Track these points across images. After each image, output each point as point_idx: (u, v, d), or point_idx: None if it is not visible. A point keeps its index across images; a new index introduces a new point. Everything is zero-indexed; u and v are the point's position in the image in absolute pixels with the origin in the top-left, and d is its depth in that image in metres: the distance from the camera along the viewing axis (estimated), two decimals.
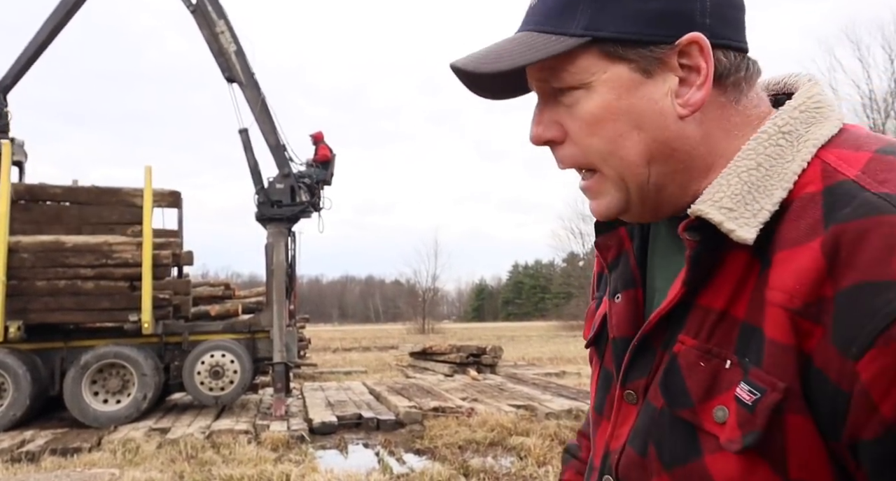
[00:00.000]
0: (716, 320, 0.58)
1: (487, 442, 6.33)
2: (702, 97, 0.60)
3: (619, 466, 0.65)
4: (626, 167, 0.62)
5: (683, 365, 0.59)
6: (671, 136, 0.61)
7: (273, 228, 8.83)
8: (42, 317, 7.60)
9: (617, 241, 0.73)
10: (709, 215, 0.57)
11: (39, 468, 5.62)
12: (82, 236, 8.08)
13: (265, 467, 5.26)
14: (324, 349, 23.66)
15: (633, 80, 0.60)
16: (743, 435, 0.53)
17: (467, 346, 13.69)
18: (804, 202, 0.55)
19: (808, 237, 0.53)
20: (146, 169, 8.43)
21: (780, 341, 0.52)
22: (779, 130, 0.59)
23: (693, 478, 0.57)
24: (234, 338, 8.38)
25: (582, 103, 0.62)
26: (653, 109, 0.60)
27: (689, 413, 0.58)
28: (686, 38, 0.59)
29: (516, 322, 74.13)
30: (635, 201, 0.64)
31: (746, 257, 0.57)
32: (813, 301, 0.51)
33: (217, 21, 8.82)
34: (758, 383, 0.53)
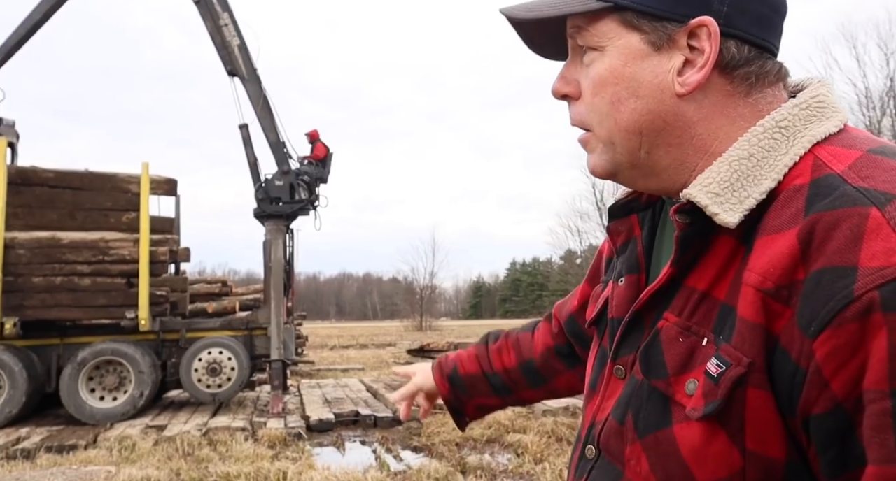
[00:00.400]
0: (698, 300, 0.61)
1: (484, 440, 6.34)
2: (698, 79, 0.62)
3: (601, 435, 0.69)
4: (617, 131, 0.65)
5: (664, 340, 0.62)
6: (665, 111, 0.63)
7: (271, 225, 8.81)
8: (38, 314, 7.58)
9: (627, 228, 0.76)
10: (696, 198, 0.60)
11: (35, 465, 5.60)
12: (79, 232, 8.05)
13: (262, 464, 5.26)
14: (321, 346, 23.66)
15: (641, 51, 0.63)
16: (705, 404, 0.56)
17: (465, 344, 13.69)
18: (791, 193, 0.58)
19: (788, 225, 0.56)
20: (143, 165, 8.41)
21: (750, 319, 0.55)
22: (776, 124, 0.61)
23: (661, 445, 0.60)
24: (231, 335, 8.36)
25: (594, 64, 0.66)
26: (653, 81, 0.63)
27: (664, 384, 0.61)
28: (696, 20, 0.61)
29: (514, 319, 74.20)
30: (624, 165, 0.67)
31: (733, 243, 0.60)
32: (785, 284, 0.53)
33: (221, 13, 8.74)
34: (725, 357, 0.56)
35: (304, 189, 8.91)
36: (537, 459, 5.53)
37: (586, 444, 0.72)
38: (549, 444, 6.03)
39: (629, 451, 0.64)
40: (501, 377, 1.11)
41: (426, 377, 1.20)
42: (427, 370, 1.21)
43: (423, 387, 1.20)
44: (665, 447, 0.60)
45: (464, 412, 1.18)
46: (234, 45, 8.77)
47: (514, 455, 5.80)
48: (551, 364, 1.07)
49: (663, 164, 0.65)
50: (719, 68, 0.62)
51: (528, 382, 1.10)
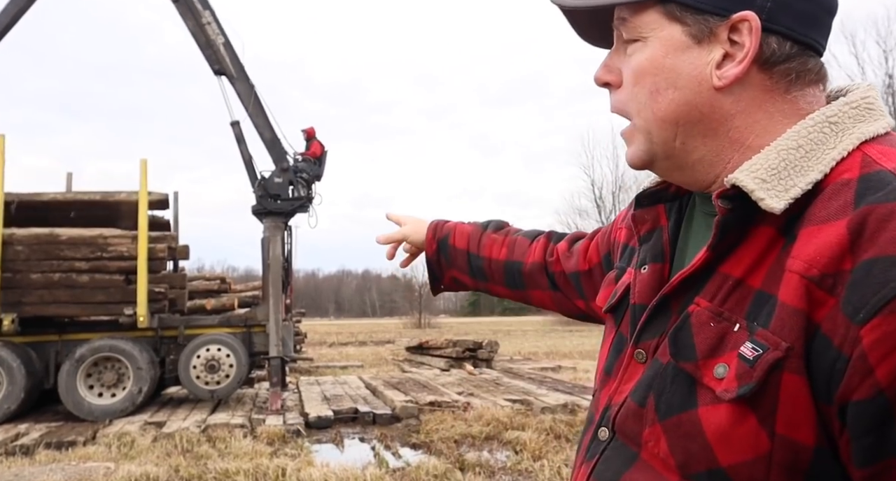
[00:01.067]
0: (732, 286, 0.62)
1: (483, 437, 6.35)
2: (736, 73, 0.63)
3: (617, 417, 0.69)
4: (654, 120, 0.67)
5: (694, 324, 0.63)
6: (703, 102, 0.65)
7: (270, 222, 8.80)
8: (37, 310, 7.57)
9: (653, 217, 0.77)
10: (742, 183, 0.61)
11: (34, 461, 5.60)
12: (77, 229, 8.04)
13: (261, 461, 5.26)
14: (320, 343, 23.67)
15: (682, 43, 0.65)
16: (739, 386, 0.57)
17: (463, 341, 13.70)
18: (838, 186, 0.59)
19: (836, 216, 0.56)
20: (142, 162, 8.39)
21: (791, 305, 0.56)
22: (826, 119, 0.62)
23: (684, 427, 0.60)
24: (229, 331, 8.36)
25: (636, 54, 0.68)
26: (692, 74, 0.65)
27: (692, 366, 0.61)
28: (738, 15, 0.62)
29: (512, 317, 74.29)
30: (660, 155, 0.69)
31: (772, 233, 0.61)
32: (831, 273, 0.54)
33: (203, 12, 8.64)
34: (762, 341, 0.56)
35: (302, 186, 8.89)
36: (536, 456, 5.54)
37: (599, 426, 0.72)
38: (548, 442, 6.03)
39: (648, 433, 0.64)
40: (483, 264, 1.16)
41: (417, 230, 1.24)
42: (420, 224, 1.25)
43: (409, 237, 1.25)
44: (688, 428, 0.60)
45: (441, 278, 1.24)
46: (219, 43, 8.66)
47: (512, 452, 5.81)
48: (536, 277, 1.11)
49: (697, 156, 0.67)
50: (759, 63, 0.63)
51: (506, 281, 1.15)
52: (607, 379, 0.75)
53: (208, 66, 8.83)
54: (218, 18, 8.71)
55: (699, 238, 0.72)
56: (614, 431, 0.69)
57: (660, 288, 0.72)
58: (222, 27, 8.71)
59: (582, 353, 17.82)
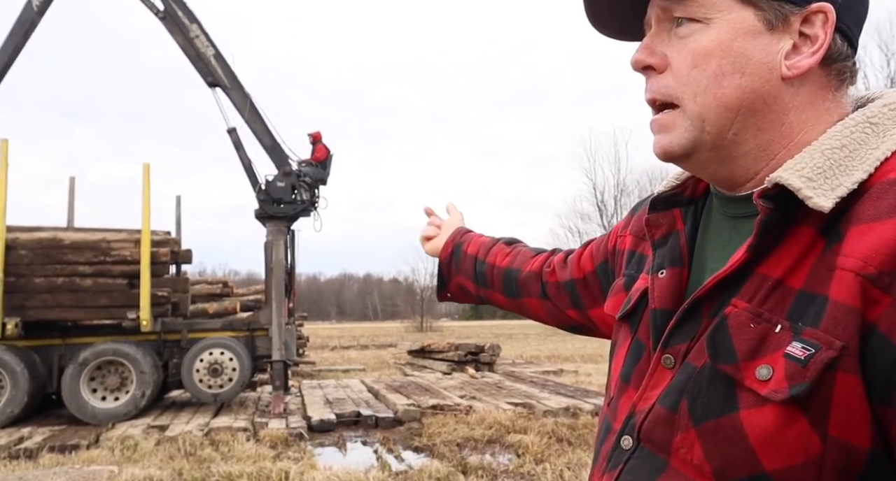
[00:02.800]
0: (771, 287, 0.60)
1: (485, 440, 6.35)
2: (809, 64, 0.62)
3: (643, 425, 0.66)
4: (715, 106, 0.64)
5: (732, 325, 0.61)
6: (768, 92, 0.63)
7: (273, 226, 8.82)
8: (40, 314, 7.59)
9: (669, 221, 0.76)
10: (788, 181, 0.59)
11: (38, 465, 5.61)
12: (80, 233, 8.07)
13: (264, 464, 5.27)
14: (322, 347, 23.67)
15: (754, 28, 0.63)
16: (790, 387, 0.55)
17: (465, 344, 13.69)
18: (885, 186, 0.58)
19: (888, 214, 0.55)
20: (144, 166, 8.43)
21: (845, 303, 0.54)
22: (867, 120, 0.62)
23: (724, 431, 0.58)
24: (232, 335, 8.38)
25: (697, 35, 0.64)
26: (762, 60, 0.63)
27: (732, 368, 0.59)
28: (817, 6, 0.61)
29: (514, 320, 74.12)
30: (707, 145, 0.66)
31: (812, 233, 0.59)
32: (888, 271, 0.53)
33: (190, 26, 8.61)
34: (813, 340, 0.55)
35: (305, 190, 8.91)
36: (538, 460, 5.54)
37: (622, 434, 0.70)
38: (550, 445, 6.04)
39: (680, 439, 0.62)
40: (486, 270, 1.18)
41: (450, 227, 1.30)
42: (451, 226, 1.31)
43: (442, 229, 1.32)
44: (728, 433, 0.58)
45: (448, 284, 1.26)
46: (210, 55, 8.65)
47: (514, 455, 5.81)
48: (530, 285, 1.12)
49: (745, 149, 0.65)
50: (822, 59, 0.62)
51: (504, 289, 1.16)
52: (626, 386, 0.72)
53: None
54: (206, 31, 8.68)
55: (719, 241, 0.71)
56: (639, 439, 0.67)
57: (680, 292, 0.70)
58: (211, 39, 8.69)
59: (584, 357, 17.80)
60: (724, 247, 0.70)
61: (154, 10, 8.67)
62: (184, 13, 8.63)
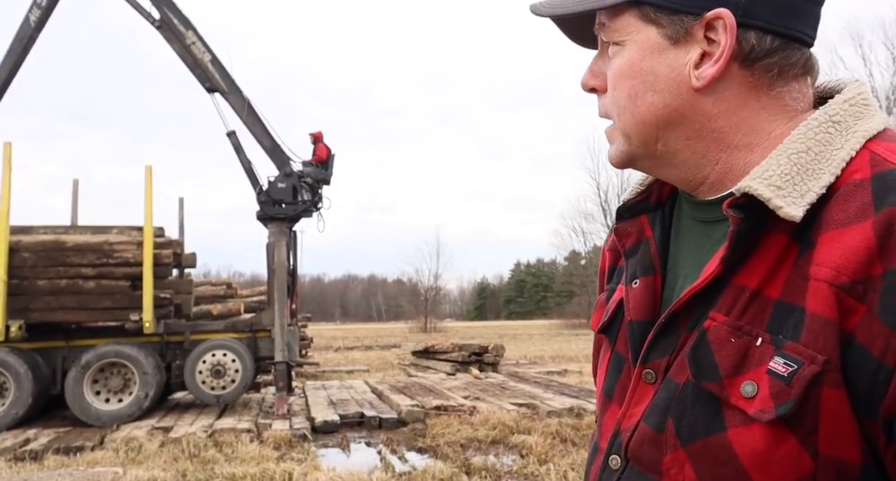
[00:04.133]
0: (749, 299, 0.58)
1: (489, 441, 6.33)
2: (713, 73, 0.61)
3: (629, 444, 0.64)
4: (633, 124, 0.66)
5: (713, 340, 0.59)
6: (683, 105, 0.63)
7: (274, 227, 8.83)
8: (43, 317, 7.61)
9: (637, 229, 0.74)
10: (758, 191, 0.58)
11: (42, 467, 5.62)
12: (83, 235, 8.09)
13: (267, 466, 5.27)
14: (326, 348, 23.68)
15: (658, 45, 0.63)
16: (776, 406, 0.53)
17: (469, 345, 13.69)
18: (852, 187, 0.57)
19: (857, 219, 0.54)
20: (146, 168, 8.45)
21: (823, 315, 0.53)
22: (829, 119, 0.60)
23: (712, 451, 0.57)
24: (235, 337, 8.38)
25: (615, 58, 0.66)
26: (669, 76, 0.63)
27: (717, 386, 0.58)
28: (712, 13, 0.60)
29: (518, 320, 74.13)
30: (641, 155, 0.67)
31: (784, 240, 0.58)
32: (860, 279, 0.52)
33: (185, 33, 8.62)
34: (794, 356, 0.53)
35: (307, 190, 8.92)
36: (542, 460, 5.53)
37: (609, 454, 0.67)
38: (554, 445, 6.02)
39: (669, 460, 0.60)
40: None
41: None
42: None
43: None
44: (717, 453, 0.56)
45: None
46: (207, 60, 8.66)
47: (518, 456, 5.80)
48: None
49: (682, 157, 0.65)
50: (739, 60, 0.61)
51: None
52: (609, 402, 0.71)
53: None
54: (202, 37, 8.69)
55: (692, 247, 0.69)
56: (627, 459, 0.65)
57: (654, 301, 0.69)
58: (207, 45, 8.70)
59: (588, 357, 17.76)
60: (696, 253, 0.68)
61: (150, 20, 8.67)
62: (179, 21, 8.64)
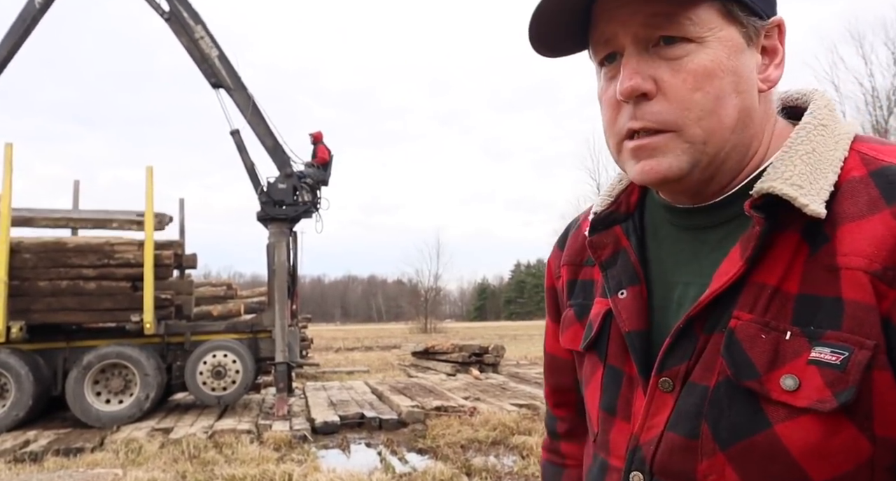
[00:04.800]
0: (770, 295, 0.59)
1: (490, 442, 6.33)
2: (778, 76, 0.64)
3: (655, 456, 0.62)
4: (718, 129, 0.61)
5: (743, 338, 0.59)
6: (752, 107, 0.63)
7: (275, 228, 8.83)
8: (44, 318, 7.61)
9: (612, 240, 0.73)
10: (783, 191, 0.59)
11: (42, 468, 5.62)
12: (84, 236, 8.09)
13: (267, 467, 5.26)
14: (326, 348, 23.68)
15: (740, 45, 0.62)
16: (835, 394, 0.53)
17: (469, 345, 13.68)
18: (853, 184, 0.60)
19: (870, 211, 0.57)
20: (147, 169, 8.45)
21: (863, 302, 0.55)
22: (819, 123, 0.63)
23: (759, 450, 0.56)
24: (236, 338, 8.38)
25: (693, 56, 0.61)
26: (749, 76, 0.63)
27: (756, 383, 0.57)
28: (776, 19, 0.64)
29: (518, 321, 74.12)
30: (702, 164, 0.62)
31: (796, 237, 0.60)
32: (891, 265, 0.54)
33: (195, 27, 8.67)
34: (842, 343, 0.54)
35: (307, 191, 8.92)
36: None
37: (630, 472, 0.65)
38: None
39: (706, 466, 0.58)
40: None
41: None
42: None
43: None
44: (765, 451, 0.56)
45: None
46: (214, 56, 8.70)
47: (519, 457, 5.79)
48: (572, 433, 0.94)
49: (730, 164, 0.64)
50: None
51: None
52: (612, 418, 0.69)
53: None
54: (210, 32, 8.72)
55: (683, 255, 0.69)
56: (652, 473, 0.63)
57: (644, 310, 0.68)
58: (216, 40, 8.74)
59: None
60: (692, 259, 0.67)
61: (160, 12, 8.71)
62: (189, 14, 8.68)
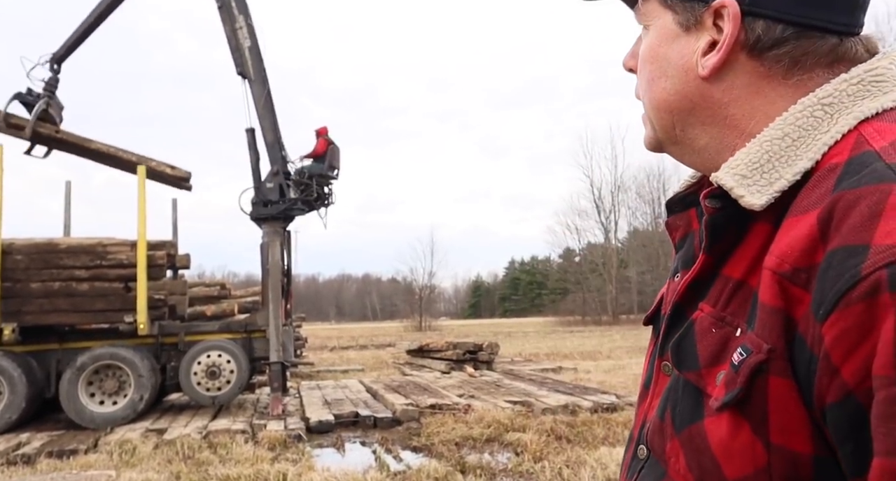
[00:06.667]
0: (733, 289, 0.59)
1: (484, 439, 6.35)
2: (715, 62, 0.61)
3: (649, 433, 0.66)
4: (651, 108, 0.68)
5: (697, 331, 0.60)
6: (692, 92, 0.64)
7: (268, 227, 8.83)
8: (37, 319, 7.58)
9: (686, 222, 0.72)
10: (722, 181, 0.59)
11: (35, 470, 5.61)
12: (76, 237, 8.06)
13: (262, 466, 5.27)
14: (321, 347, 23.66)
15: (672, 31, 0.65)
16: (726, 393, 0.54)
17: (464, 343, 13.70)
18: (825, 172, 0.55)
19: (815, 206, 0.52)
20: (140, 169, 8.43)
21: (769, 304, 0.52)
22: (818, 102, 0.58)
23: (695, 440, 0.57)
24: (230, 337, 8.37)
25: (643, 42, 0.69)
26: (679, 63, 0.64)
27: (695, 376, 0.59)
28: (718, 2, 0.60)
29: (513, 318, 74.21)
30: (665, 141, 0.69)
31: (768, 228, 0.57)
32: (804, 267, 0.50)
33: (238, 16, 8.97)
34: (748, 345, 0.53)
35: (294, 188, 8.91)
36: (537, 458, 5.55)
37: (638, 444, 0.68)
38: (549, 443, 6.04)
39: (669, 448, 0.61)
40: None
41: None
42: None
43: None
44: (698, 442, 0.57)
45: None
46: (245, 46, 8.97)
47: (513, 454, 5.81)
48: None
49: (702, 143, 0.65)
50: (747, 50, 0.60)
51: None
52: (645, 393, 0.71)
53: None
54: (252, 23, 9.04)
55: None
56: (650, 448, 0.66)
57: None
58: (254, 32, 9.04)
59: (583, 354, 17.81)
60: None
61: None
62: (237, 4, 9.01)
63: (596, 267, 50.51)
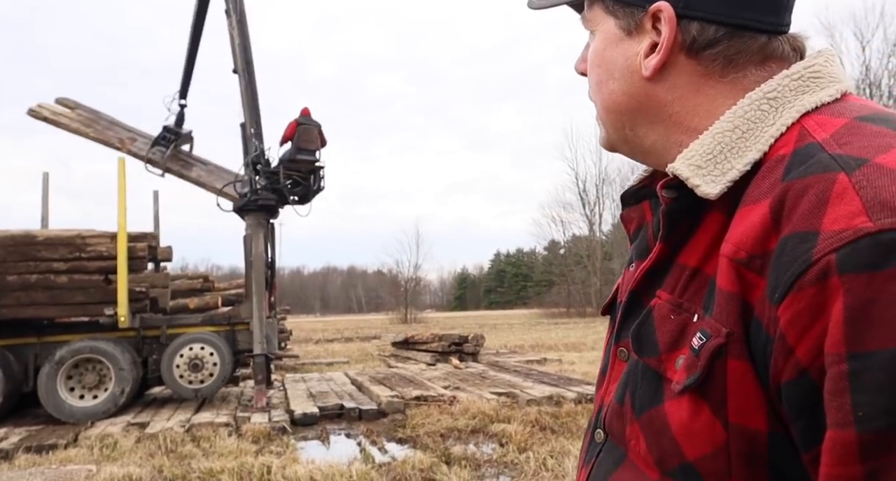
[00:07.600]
0: (689, 277, 0.62)
1: (469, 430, 6.36)
2: (655, 63, 0.65)
3: (606, 418, 0.69)
4: (602, 109, 0.71)
5: (656, 317, 0.63)
6: (638, 92, 0.67)
7: (251, 220, 8.74)
8: (14, 313, 7.45)
9: (639, 214, 0.76)
10: (678, 171, 0.61)
11: (13, 466, 5.52)
12: (54, 230, 7.92)
13: (246, 459, 5.23)
14: (306, 340, 23.58)
15: (616, 36, 0.68)
16: (687, 377, 0.57)
17: (449, 335, 13.71)
18: (773, 163, 0.58)
19: (765, 195, 0.55)
20: (119, 161, 8.31)
21: (726, 289, 0.55)
22: (764, 96, 0.61)
23: (655, 423, 0.60)
24: (213, 330, 8.29)
25: (590, 47, 0.72)
26: (623, 65, 0.68)
27: (656, 361, 0.62)
28: (654, 6, 0.64)
29: (498, 310, 74.48)
30: (616, 141, 0.73)
31: (722, 218, 0.60)
32: (758, 254, 0.53)
33: (232, 13, 9.02)
34: (707, 330, 0.56)
35: (262, 177, 8.72)
36: (521, 448, 5.56)
37: (595, 429, 0.72)
38: (533, 433, 6.06)
39: (629, 431, 0.64)
40: None
41: None
42: None
43: None
44: (658, 424, 0.60)
45: None
46: (236, 43, 8.98)
47: (498, 444, 5.83)
48: None
49: (650, 141, 0.69)
50: (685, 50, 0.64)
51: None
52: (602, 379, 0.74)
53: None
54: (244, 20, 9.11)
55: None
56: (607, 432, 0.69)
57: None
58: (245, 29, 9.08)
59: (567, 345, 17.91)
60: None
61: None
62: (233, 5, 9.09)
63: (581, 259, 50.79)
